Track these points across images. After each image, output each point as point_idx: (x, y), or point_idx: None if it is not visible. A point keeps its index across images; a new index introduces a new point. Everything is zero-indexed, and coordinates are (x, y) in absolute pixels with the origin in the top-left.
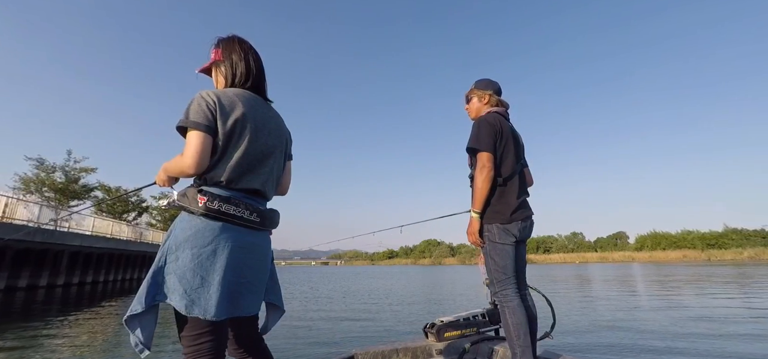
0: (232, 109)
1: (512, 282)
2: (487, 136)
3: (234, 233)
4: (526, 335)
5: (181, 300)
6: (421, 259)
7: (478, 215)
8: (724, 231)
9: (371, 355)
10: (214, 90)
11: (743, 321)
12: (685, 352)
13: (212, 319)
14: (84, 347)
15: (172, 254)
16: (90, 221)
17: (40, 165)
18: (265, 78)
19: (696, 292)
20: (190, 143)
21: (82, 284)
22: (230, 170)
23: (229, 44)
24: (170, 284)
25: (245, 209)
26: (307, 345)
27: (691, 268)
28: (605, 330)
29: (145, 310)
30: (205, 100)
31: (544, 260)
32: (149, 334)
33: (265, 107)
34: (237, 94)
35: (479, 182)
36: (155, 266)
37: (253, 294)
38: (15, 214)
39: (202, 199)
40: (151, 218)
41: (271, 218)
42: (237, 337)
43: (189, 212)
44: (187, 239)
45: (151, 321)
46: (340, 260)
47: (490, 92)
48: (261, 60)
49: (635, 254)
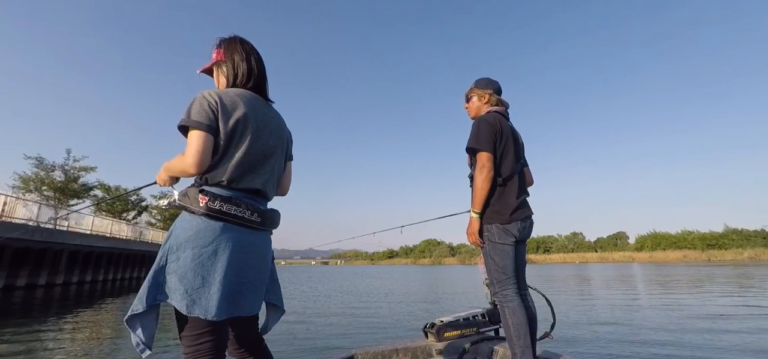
0: (234, 109)
1: (512, 282)
2: (487, 135)
3: (235, 233)
4: (526, 335)
5: (182, 300)
6: (421, 259)
7: (478, 216)
8: (725, 231)
9: (371, 355)
10: (216, 90)
11: (743, 320)
12: (685, 352)
13: (213, 319)
14: (83, 346)
15: (173, 253)
16: (89, 220)
17: (39, 164)
18: (266, 79)
19: (696, 292)
20: (191, 142)
21: (81, 283)
22: (231, 170)
23: (231, 44)
24: (171, 284)
25: (246, 209)
26: (306, 344)
27: (692, 268)
28: (605, 330)
29: (146, 310)
30: (207, 99)
31: (544, 260)
32: (150, 334)
33: (266, 107)
34: (238, 94)
35: (479, 182)
36: (156, 266)
37: (254, 294)
38: (14, 213)
39: (203, 199)
40: (151, 217)
41: (272, 218)
42: (237, 337)
43: (190, 212)
44: (188, 239)
45: (153, 321)
46: (340, 260)
47: (490, 91)
48: (262, 61)
49: (635, 254)
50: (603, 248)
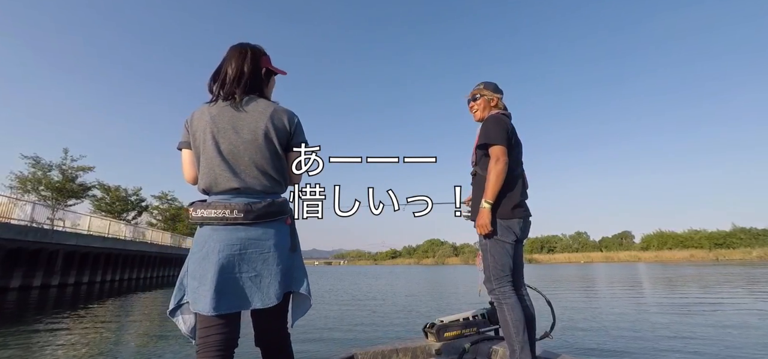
0: (199, 121)
1: (510, 279)
2: (501, 131)
3: (223, 232)
4: (525, 331)
5: (190, 298)
6: (424, 259)
7: (491, 207)
8: (733, 230)
9: (371, 355)
10: (196, 108)
11: (749, 318)
12: (687, 353)
13: (209, 314)
14: (81, 348)
15: (188, 260)
16: (86, 220)
17: (36, 163)
18: (241, 79)
19: (702, 292)
20: (181, 160)
21: (78, 284)
22: (205, 177)
23: (227, 53)
24: (185, 284)
25: (224, 209)
26: (307, 344)
27: (699, 268)
28: (606, 330)
29: (175, 307)
30: (186, 121)
31: (548, 260)
32: (189, 327)
33: (234, 107)
34: (209, 105)
35: (494, 175)
36: (181, 272)
37: (263, 286)
38: (9, 214)
39: (189, 211)
40: (152, 217)
41: (263, 209)
42: (261, 333)
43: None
44: (193, 245)
45: (190, 316)
46: (343, 260)
47: (499, 96)
48: (236, 63)
49: (641, 253)
50: (608, 248)
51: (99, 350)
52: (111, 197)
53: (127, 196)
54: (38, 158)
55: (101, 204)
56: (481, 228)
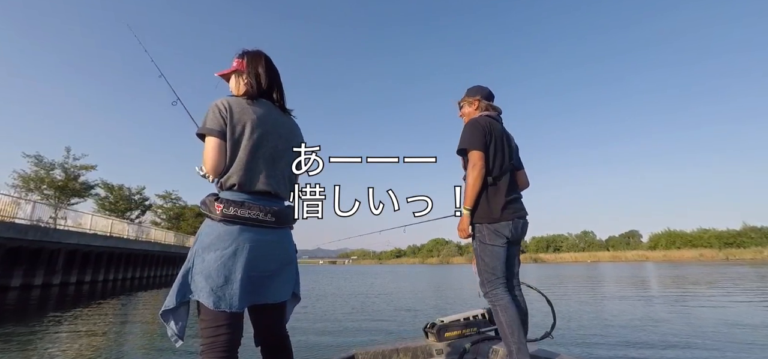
0: (242, 115)
1: (502, 281)
2: (478, 135)
3: (252, 233)
4: (520, 331)
5: (208, 296)
6: (428, 258)
7: (469, 212)
8: (743, 229)
9: (371, 355)
10: (228, 97)
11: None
12: (691, 350)
13: (236, 311)
14: (80, 348)
15: (199, 256)
16: (88, 219)
17: (38, 162)
18: (282, 90)
19: (710, 293)
20: (205, 148)
21: (80, 283)
22: (242, 174)
23: (254, 58)
24: (198, 282)
25: (259, 211)
26: (307, 344)
27: (708, 268)
28: (608, 330)
29: (176, 306)
30: (219, 107)
31: (554, 259)
32: (182, 326)
33: (278, 113)
34: (250, 101)
35: (470, 180)
36: (185, 267)
37: (277, 283)
38: (13, 214)
39: (218, 207)
40: (156, 216)
41: (287, 215)
42: (263, 330)
43: (211, 219)
44: (212, 242)
45: (183, 315)
46: (347, 259)
47: (479, 97)
48: (279, 74)
49: (649, 253)
50: (615, 247)
51: (99, 349)
52: (114, 196)
53: (130, 195)
54: (40, 157)
55: (105, 203)
56: (460, 233)
